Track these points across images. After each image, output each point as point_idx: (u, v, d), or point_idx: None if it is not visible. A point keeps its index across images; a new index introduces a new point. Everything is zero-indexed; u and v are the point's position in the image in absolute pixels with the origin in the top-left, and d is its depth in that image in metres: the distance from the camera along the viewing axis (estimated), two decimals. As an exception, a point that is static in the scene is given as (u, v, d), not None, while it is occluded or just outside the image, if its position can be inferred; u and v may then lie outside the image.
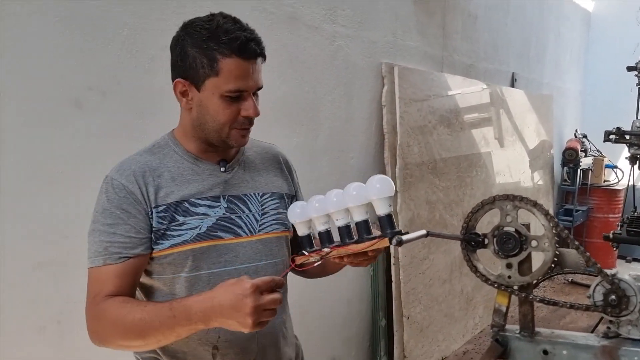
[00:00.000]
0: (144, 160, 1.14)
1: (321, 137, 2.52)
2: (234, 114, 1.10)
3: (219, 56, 1.05)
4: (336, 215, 1.05)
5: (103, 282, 1.07)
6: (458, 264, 3.43)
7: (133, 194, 1.09)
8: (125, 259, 1.07)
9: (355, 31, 2.65)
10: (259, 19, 2.13)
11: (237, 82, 1.06)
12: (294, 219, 1.13)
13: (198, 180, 1.15)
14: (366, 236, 1.02)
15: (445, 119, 3.30)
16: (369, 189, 1.00)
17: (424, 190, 3.11)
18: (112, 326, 1.04)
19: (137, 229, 1.08)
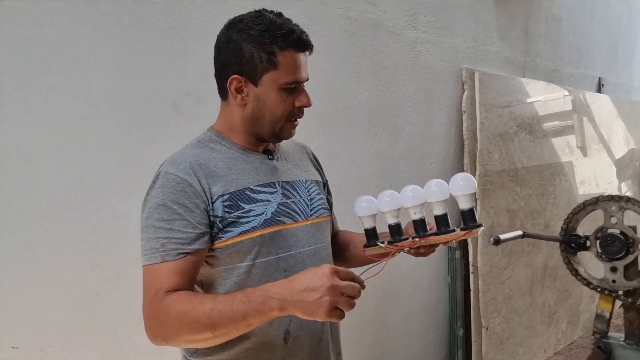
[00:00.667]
0: (196, 154, 1.13)
1: (401, 142, 2.52)
2: (290, 106, 1.13)
3: (276, 49, 1.08)
4: (413, 209, 1.11)
5: (162, 280, 1.03)
6: (540, 275, 3.30)
7: (191, 187, 1.07)
8: (184, 255, 1.04)
9: (436, 37, 2.64)
10: (344, 26, 2.18)
11: (294, 74, 1.10)
12: (362, 213, 1.17)
13: (252, 169, 1.16)
14: (447, 228, 1.08)
15: (527, 126, 3.21)
16: (454, 185, 1.06)
17: (504, 198, 3.02)
18: (179, 320, 0.99)
19: (194, 223, 1.06)
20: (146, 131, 1.65)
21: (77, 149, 1.52)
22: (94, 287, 1.58)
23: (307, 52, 1.14)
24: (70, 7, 1.47)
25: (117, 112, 1.59)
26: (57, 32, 1.46)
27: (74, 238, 1.53)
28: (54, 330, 1.52)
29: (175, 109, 1.70)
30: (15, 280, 1.44)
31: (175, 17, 1.67)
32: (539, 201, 3.33)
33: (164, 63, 1.66)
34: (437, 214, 1.08)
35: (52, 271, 1.50)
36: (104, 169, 1.57)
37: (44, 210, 1.48)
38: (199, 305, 0.98)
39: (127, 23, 1.58)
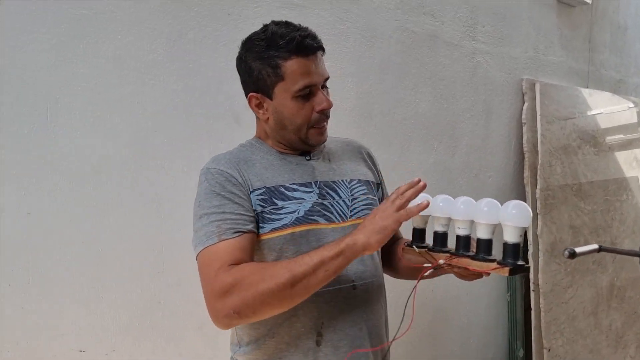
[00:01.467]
0: (237, 153, 1.19)
1: (458, 154, 2.47)
2: (308, 112, 1.13)
3: (280, 61, 1.10)
4: (460, 223, 1.04)
5: (223, 255, 1.04)
6: (606, 295, 3.13)
7: (234, 177, 1.12)
8: (240, 233, 1.06)
9: (495, 47, 2.59)
10: (401, 37, 2.17)
11: (303, 80, 1.10)
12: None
13: (288, 169, 1.18)
14: (486, 256, 1.00)
15: (590, 138, 3.07)
16: (504, 212, 0.97)
17: (567, 213, 2.90)
18: (256, 280, 0.99)
19: (245, 207, 1.10)
20: (209, 142, 1.68)
21: (145, 160, 1.57)
22: (156, 294, 1.62)
23: (317, 53, 1.13)
24: (141, 22, 1.53)
25: (182, 124, 1.63)
26: (128, 46, 1.52)
27: (139, 245, 1.58)
28: (119, 335, 1.56)
29: (237, 121, 1.73)
30: (83, 286, 1.50)
31: (237, 30, 1.71)
32: (604, 217, 3.17)
33: (226, 75, 1.70)
34: (480, 238, 1.01)
35: (117, 277, 1.55)
36: (170, 179, 1.62)
37: (111, 218, 1.53)
38: (276, 263, 1.03)
39: (192, 37, 1.63)
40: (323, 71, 1.14)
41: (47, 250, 1.44)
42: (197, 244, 1.09)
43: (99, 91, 1.48)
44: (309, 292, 1.02)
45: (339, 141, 1.33)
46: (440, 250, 1.08)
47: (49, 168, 1.43)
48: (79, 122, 1.46)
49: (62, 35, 1.42)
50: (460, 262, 1.03)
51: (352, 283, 1.15)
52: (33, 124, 1.39)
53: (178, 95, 1.62)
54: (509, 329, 2.80)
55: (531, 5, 2.77)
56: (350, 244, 1.00)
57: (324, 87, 1.16)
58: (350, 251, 1.00)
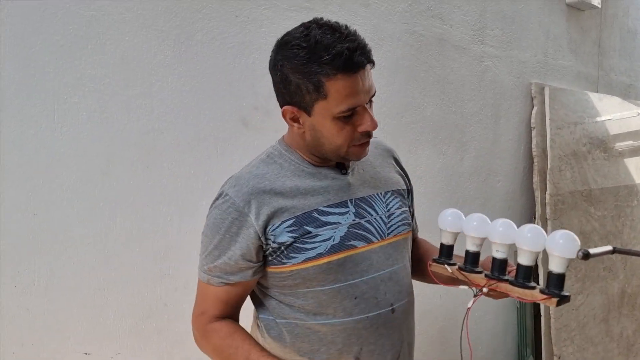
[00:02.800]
0: (262, 173, 1.06)
1: (467, 158, 2.45)
2: (350, 133, 1.01)
3: (323, 79, 0.95)
4: (497, 247, 1.01)
5: (208, 302, 1.09)
6: (617, 302, 3.09)
7: (245, 216, 1.02)
8: (224, 284, 1.06)
9: (504, 51, 2.57)
10: (409, 41, 2.16)
11: (348, 101, 0.97)
12: (444, 227, 1.09)
13: (322, 187, 1.07)
14: (526, 283, 0.97)
15: (600, 144, 3.05)
16: (552, 241, 0.93)
17: (577, 219, 2.87)
18: (214, 352, 1.10)
19: (238, 255, 1.03)
20: (216, 144, 1.68)
21: (151, 161, 1.57)
22: (162, 297, 1.61)
23: (366, 67, 0.99)
24: (148, 23, 1.53)
25: (189, 126, 1.63)
26: (136, 47, 1.52)
27: (145, 248, 1.57)
28: (124, 338, 1.55)
29: (244, 123, 1.73)
30: (89, 288, 1.49)
31: (245, 32, 1.71)
32: (614, 223, 3.13)
33: (233, 78, 1.70)
34: (522, 263, 0.97)
35: (123, 280, 1.54)
36: (175, 181, 1.61)
37: (118, 220, 1.52)
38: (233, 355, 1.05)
39: (200, 39, 1.63)
40: (370, 88, 1.00)
41: (53, 251, 1.43)
42: (199, 268, 1.12)
43: (107, 92, 1.48)
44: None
45: (373, 144, 1.20)
46: (472, 271, 1.04)
47: (56, 169, 1.42)
48: (86, 123, 1.46)
49: (70, 36, 1.42)
50: (501, 288, 1.00)
51: (391, 307, 1.10)
52: (40, 124, 1.39)
53: (185, 96, 1.61)
54: (519, 335, 2.77)
55: (540, 9, 2.76)
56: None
57: (369, 102, 1.03)
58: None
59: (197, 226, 1.64)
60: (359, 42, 0.97)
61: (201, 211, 1.65)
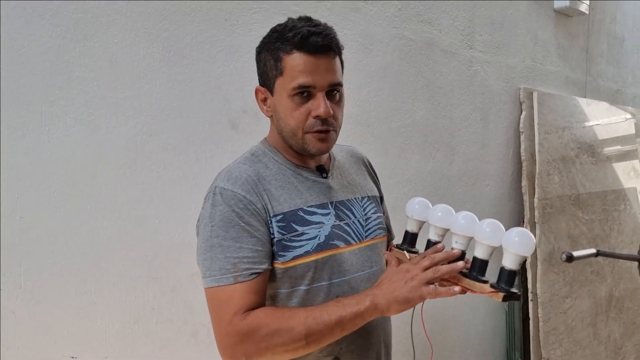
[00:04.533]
0: (251, 169, 1.07)
1: (456, 163, 2.47)
2: (302, 116, 1.02)
3: (282, 54, 1.00)
4: (457, 238, 1.02)
5: (238, 299, 0.99)
6: (604, 306, 3.11)
7: (252, 204, 1.02)
8: (256, 275, 1.00)
9: (492, 56, 2.59)
10: (399, 45, 2.17)
11: (300, 78, 0.99)
12: (411, 214, 1.12)
13: (305, 188, 1.09)
14: (479, 276, 0.98)
15: (589, 148, 3.08)
16: (508, 237, 0.94)
17: (565, 223, 2.89)
18: (273, 333, 0.97)
19: (263, 241, 1.01)
20: (204, 147, 1.68)
21: (139, 164, 1.56)
22: (150, 301, 1.60)
23: (328, 54, 1.01)
24: (137, 26, 1.53)
25: (177, 129, 1.62)
26: (124, 50, 1.52)
27: (132, 251, 1.56)
28: (112, 342, 1.54)
29: (233, 126, 1.73)
30: (76, 291, 1.48)
31: (234, 36, 1.71)
32: (602, 227, 3.16)
33: (223, 81, 1.70)
34: (477, 256, 0.99)
35: (111, 283, 1.53)
36: (164, 184, 1.61)
37: (106, 223, 1.52)
38: (293, 316, 0.98)
39: (189, 42, 1.63)
40: (331, 76, 1.01)
41: (40, 254, 1.42)
42: (209, 278, 1.01)
43: (95, 95, 1.48)
44: (324, 345, 1.01)
45: (343, 150, 1.25)
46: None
47: (43, 171, 1.42)
48: (74, 126, 1.45)
49: (58, 38, 1.41)
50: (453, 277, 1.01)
51: None
52: (27, 126, 1.38)
53: (174, 99, 1.61)
54: (507, 339, 2.78)
55: (528, 15, 2.79)
56: (370, 308, 0.98)
57: (332, 94, 1.04)
58: (369, 315, 0.99)
59: (185, 229, 1.64)
60: (325, 30, 1.01)
61: (190, 214, 1.65)
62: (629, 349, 3.28)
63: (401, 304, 0.96)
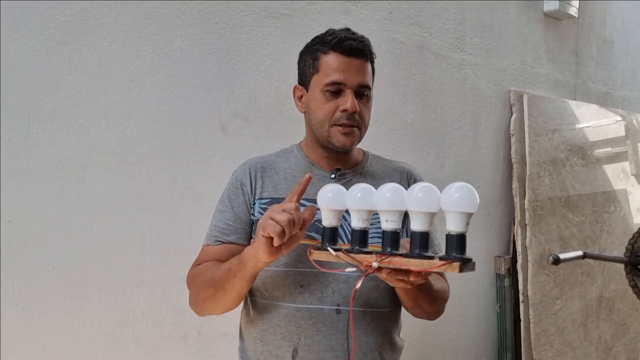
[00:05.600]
0: (266, 159, 1.24)
1: (447, 165, 2.48)
2: (331, 109, 1.13)
3: (320, 54, 1.14)
4: (387, 215, 0.87)
5: (201, 257, 1.19)
6: (595, 307, 3.13)
7: (244, 185, 1.18)
8: (219, 243, 1.16)
9: (483, 59, 2.61)
10: (389, 48, 2.18)
11: (333, 75, 1.11)
12: (324, 204, 0.96)
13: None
14: (423, 252, 0.84)
15: (578, 150, 3.09)
16: (447, 197, 0.82)
17: (555, 224, 2.91)
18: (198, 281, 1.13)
19: (240, 218, 1.16)
20: (194, 151, 1.67)
21: (129, 168, 1.56)
22: (140, 304, 1.59)
23: (360, 59, 1.13)
24: (126, 29, 1.53)
25: (167, 132, 1.62)
26: (113, 52, 1.51)
27: (122, 255, 1.56)
28: (101, 346, 1.53)
29: (223, 129, 1.73)
30: (65, 295, 1.47)
31: (224, 39, 1.71)
32: (592, 229, 3.18)
33: (212, 84, 1.70)
34: (415, 230, 0.84)
35: (100, 287, 1.53)
36: (154, 188, 1.60)
37: (94, 227, 1.51)
38: (211, 270, 1.11)
39: (179, 45, 1.63)
40: (361, 77, 1.13)
41: (28, 259, 1.41)
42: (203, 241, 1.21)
43: (83, 98, 1.47)
44: (230, 297, 1.08)
45: (389, 166, 1.28)
46: (361, 251, 0.90)
47: (31, 175, 1.41)
48: (62, 129, 1.44)
49: (46, 41, 1.41)
50: (395, 263, 0.85)
51: (337, 307, 1.11)
52: (15, 130, 1.38)
53: (164, 103, 1.61)
54: (499, 340, 2.79)
55: (518, 18, 2.80)
56: (245, 254, 1.00)
57: (361, 95, 1.15)
58: (245, 263, 1.00)
59: (175, 233, 1.64)
60: (360, 37, 1.15)
61: (180, 218, 1.65)
62: (619, 350, 3.30)
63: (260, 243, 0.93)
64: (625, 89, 3.73)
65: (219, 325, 1.73)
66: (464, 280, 2.53)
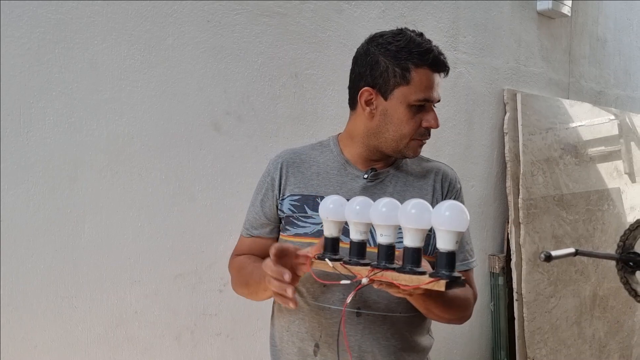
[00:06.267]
0: (302, 152, 1.23)
1: (441, 164, 2.48)
2: (416, 125, 1.11)
3: (411, 66, 1.08)
4: (381, 230, 0.90)
5: (238, 247, 1.26)
6: (589, 305, 3.14)
7: (273, 180, 1.19)
8: (249, 236, 1.23)
9: (476, 58, 2.61)
10: (382, 46, 2.17)
11: (425, 92, 1.09)
12: (325, 215, 0.97)
13: (338, 182, 1.17)
14: (415, 268, 0.86)
15: (572, 149, 3.11)
16: (437, 214, 0.84)
17: (549, 223, 2.91)
18: (234, 275, 1.23)
19: (264, 212, 1.20)
20: (187, 149, 1.66)
21: (120, 167, 1.55)
22: (132, 304, 1.59)
23: (443, 74, 1.13)
24: (118, 27, 1.52)
25: (159, 131, 1.61)
26: (105, 51, 1.50)
27: (114, 254, 1.55)
28: (93, 347, 1.52)
29: (216, 128, 1.72)
30: (57, 295, 1.46)
31: (217, 37, 1.71)
32: (586, 227, 3.19)
33: (205, 83, 1.69)
34: (408, 245, 0.86)
35: (92, 287, 1.52)
36: (146, 187, 1.60)
37: (86, 226, 1.50)
38: (247, 266, 1.17)
39: (171, 43, 1.62)
40: (439, 93, 1.13)
41: (19, 259, 1.40)
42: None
43: (75, 97, 1.46)
44: (265, 297, 1.13)
45: (425, 167, 1.24)
46: (358, 263, 0.93)
47: (22, 174, 1.40)
48: (54, 128, 1.44)
49: (37, 39, 1.40)
50: (385, 277, 0.87)
51: (357, 309, 1.12)
52: (6, 129, 1.37)
53: (156, 101, 1.60)
54: (493, 338, 2.79)
55: (512, 16, 2.81)
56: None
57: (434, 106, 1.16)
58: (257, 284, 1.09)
59: (167, 232, 1.63)
60: (442, 51, 1.12)
61: (172, 217, 1.64)
62: (613, 347, 3.32)
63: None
64: (618, 88, 3.75)
65: (212, 325, 1.73)
66: (458, 278, 2.53)
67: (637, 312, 3.50)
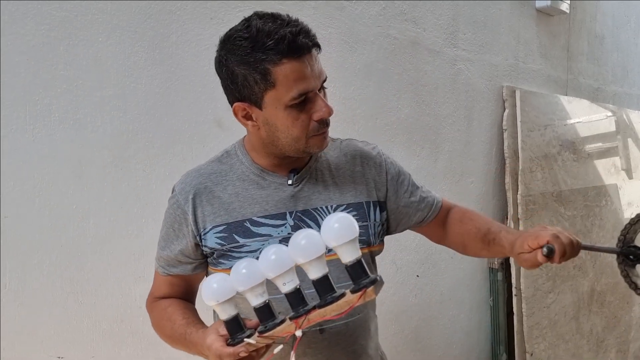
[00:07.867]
0: (210, 172, 1.08)
1: (440, 160, 2.50)
2: (306, 122, 0.97)
3: (269, 66, 0.92)
4: (281, 279, 0.83)
5: (156, 286, 1.16)
6: (586, 300, 3.17)
7: (185, 214, 1.04)
8: (167, 274, 1.12)
9: (476, 54, 2.63)
10: (383, 44, 2.19)
11: (298, 86, 0.94)
12: (213, 300, 0.87)
13: (262, 196, 1.04)
14: (333, 295, 0.82)
15: (571, 146, 3.13)
16: (327, 234, 0.81)
17: (548, 219, 2.94)
18: (156, 325, 1.14)
19: (181, 250, 1.07)
20: (190, 146, 1.68)
21: (125, 163, 1.56)
22: (137, 299, 1.60)
23: (312, 52, 0.95)
24: (122, 24, 1.53)
25: (163, 127, 1.62)
26: (109, 48, 1.51)
27: (119, 250, 1.56)
28: (98, 341, 1.54)
29: (219, 124, 1.73)
30: (62, 291, 1.48)
31: (220, 34, 1.71)
32: (584, 223, 3.22)
33: (208, 79, 1.70)
34: (314, 278, 0.82)
35: (97, 282, 1.53)
36: (150, 183, 1.61)
37: (91, 222, 1.51)
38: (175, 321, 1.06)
39: (175, 40, 1.63)
40: (320, 72, 0.97)
41: (25, 254, 1.42)
42: None
43: (79, 94, 1.47)
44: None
45: (337, 147, 1.15)
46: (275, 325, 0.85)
47: (27, 171, 1.41)
48: (59, 125, 1.44)
49: (42, 36, 1.41)
50: (315, 319, 0.83)
51: (320, 327, 1.03)
52: (11, 126, 1.38)
53: (160, 98, 1.61)
54: (492, 333, 2.82)
55: (511, 13, 2.82)
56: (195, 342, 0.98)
57: (321, 90, 0.99)
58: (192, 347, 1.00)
59: (172, 228, 1.64)
60: (302, 26, 0.95)
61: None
62: (610, 342, 3.35)
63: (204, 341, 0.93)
64: (616, 85, 3.77)
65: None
66: (457, 274, 2.56)
67: (634, 308, 3.53)
